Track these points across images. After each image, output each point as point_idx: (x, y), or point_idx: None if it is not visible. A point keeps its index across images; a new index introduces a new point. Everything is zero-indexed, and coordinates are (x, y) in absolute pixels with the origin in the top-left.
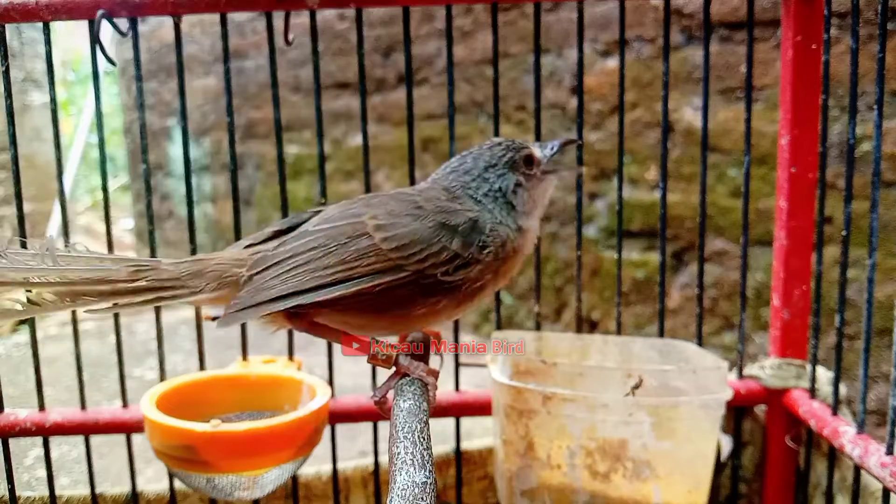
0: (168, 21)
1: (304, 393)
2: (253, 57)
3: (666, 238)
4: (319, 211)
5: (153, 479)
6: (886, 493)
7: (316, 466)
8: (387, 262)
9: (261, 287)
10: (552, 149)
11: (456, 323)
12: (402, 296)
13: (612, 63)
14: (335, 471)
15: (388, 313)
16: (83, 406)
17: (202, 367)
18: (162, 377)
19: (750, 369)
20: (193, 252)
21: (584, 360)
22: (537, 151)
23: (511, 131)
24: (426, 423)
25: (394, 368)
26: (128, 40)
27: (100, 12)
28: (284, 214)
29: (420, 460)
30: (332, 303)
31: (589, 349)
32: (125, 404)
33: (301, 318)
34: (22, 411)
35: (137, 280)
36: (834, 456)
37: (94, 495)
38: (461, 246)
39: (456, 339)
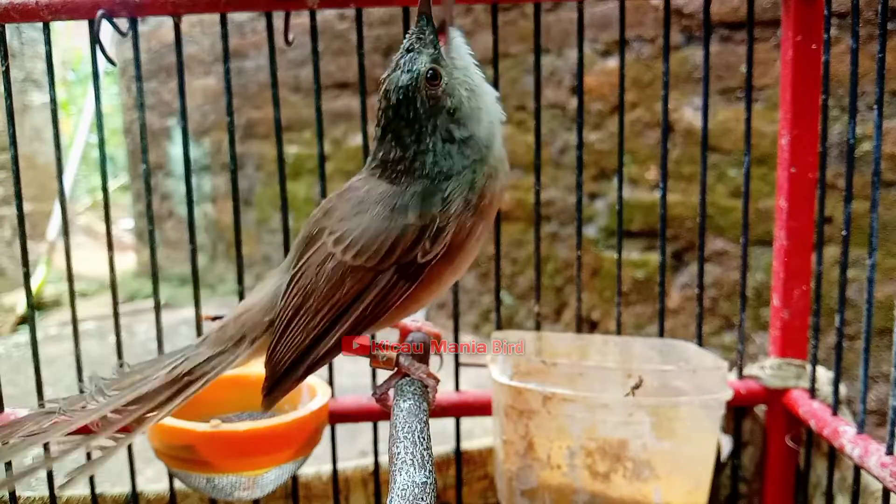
0: (168, 21)
1: (303, 393)
2: (253, 57)
3: (666, 238)
4: None
5: (153, 479)
6: (886, 493)
7: (316, 466)
8: (359, 273)
9: (277, 361)
10: (424, 24)
11: (456, 323)
12: (396, 289)
13: (612, 63)
14: (335, 471)
15: (393, 307)
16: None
17: None
18: None
19: (750, 369)
20: (194, 252)
21: (584, 360)
22: (427, 55)
23: (511, 131)
24: (426, 423)
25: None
26: (128, 40)
27: (100, 12)
28: (284, 214)
29: (420, 460)
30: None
31: (589, 349)
32: None
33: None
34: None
35: (178, 379)
36: (834, 456)
37: (94, 495)
38: (419, 216)
39: (456, 339)
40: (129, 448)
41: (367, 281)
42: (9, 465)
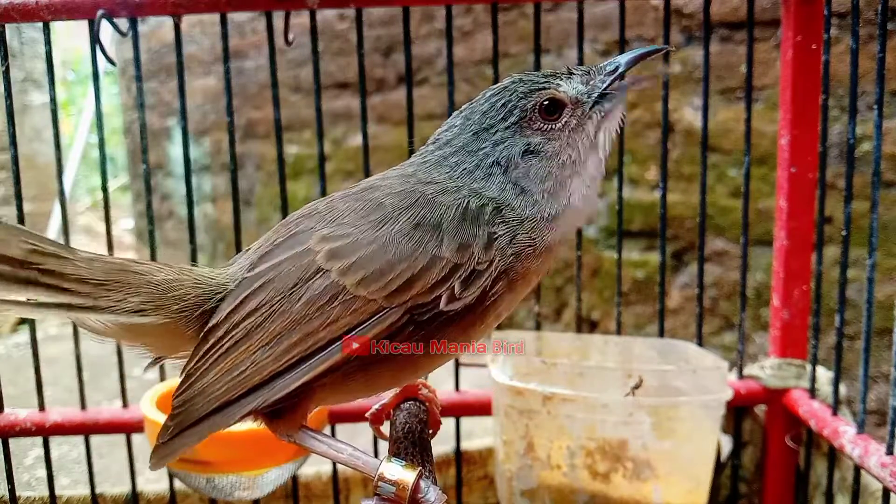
0: (168, 21)
1: None
2: (253, 57)
3: (666, 238)
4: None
5: (153, 479)
6: (886, 493)
7: (316, 466)
8: (358, 304)
9: (201, 393)
10: (611, 72)
11: None
12: (402, 335)
13: None
14: (335, 471)
15: (385, 373)
16: (83, 406)
17: None
18: (162, 377)
19: (750, 369)
20: (194, 252)
21: (584, 360)
22: (571, 87)
23: None
24: (426, 422)
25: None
26: (128, 40)
27: (100, 12)
28: (284, 214)
29: (420, 460)
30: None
31: (589, 349)
32: (125, 404)
33: (287, 417)
34: (22, 411)
35: (29, 267)
36: (834, 456)
37: (94, 495)
38: (457, 249)
39: None
40: (129, 448)
41: (365, 315)
42: (8, 464)
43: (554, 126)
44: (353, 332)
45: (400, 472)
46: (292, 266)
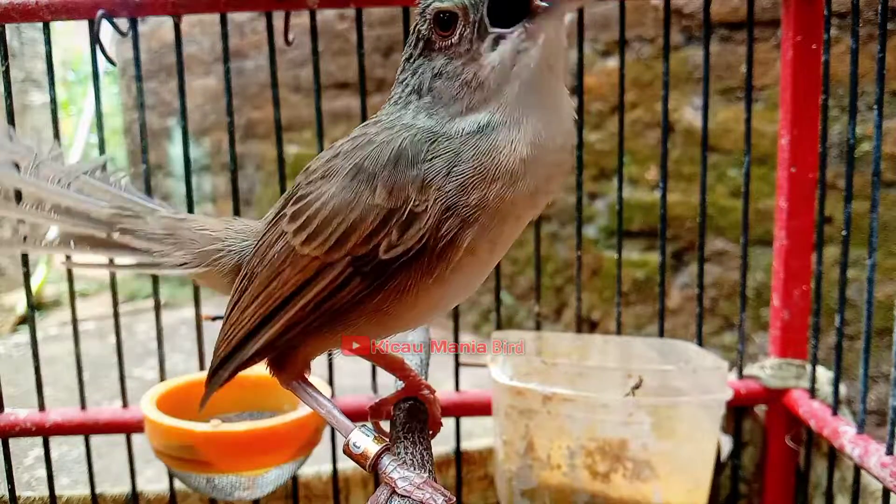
0: (168, 21)
1: None
2: (253, 57)
3: (666, 238)
4: None
5: (153, 479)
6: (886, 493)
7: (316, 466)
8: (304, 262)
9: (215, 350)
10: None
11: (456, 323)
12: (349, 289)
13: (612, 63)
14: (335, 471)
15: (353, 314)
16: (83, 406)
17: (202, 367)
18: (162, 377)
19: (750, 369)
20: None
21: (584, 360)
22: None
23: None
24: (425, 422)
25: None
26: (128, 40)
27: (100, 12)
28: None
29: (420, 460)
30: (288, 338)
31: (589, 349)
32: (125, 404)
33: (287, 364)
34: (22, 411)
35: (113, 230)
36: (834, 456)
37: (94, 495)
38: (390, 194)
39: (456, 339)
40: (129, 448)
41: (310, 273)
42: (8, 464)
43: (451, 41)
44: (302, 290)
45: (367, 443)
46: (274, 230)
